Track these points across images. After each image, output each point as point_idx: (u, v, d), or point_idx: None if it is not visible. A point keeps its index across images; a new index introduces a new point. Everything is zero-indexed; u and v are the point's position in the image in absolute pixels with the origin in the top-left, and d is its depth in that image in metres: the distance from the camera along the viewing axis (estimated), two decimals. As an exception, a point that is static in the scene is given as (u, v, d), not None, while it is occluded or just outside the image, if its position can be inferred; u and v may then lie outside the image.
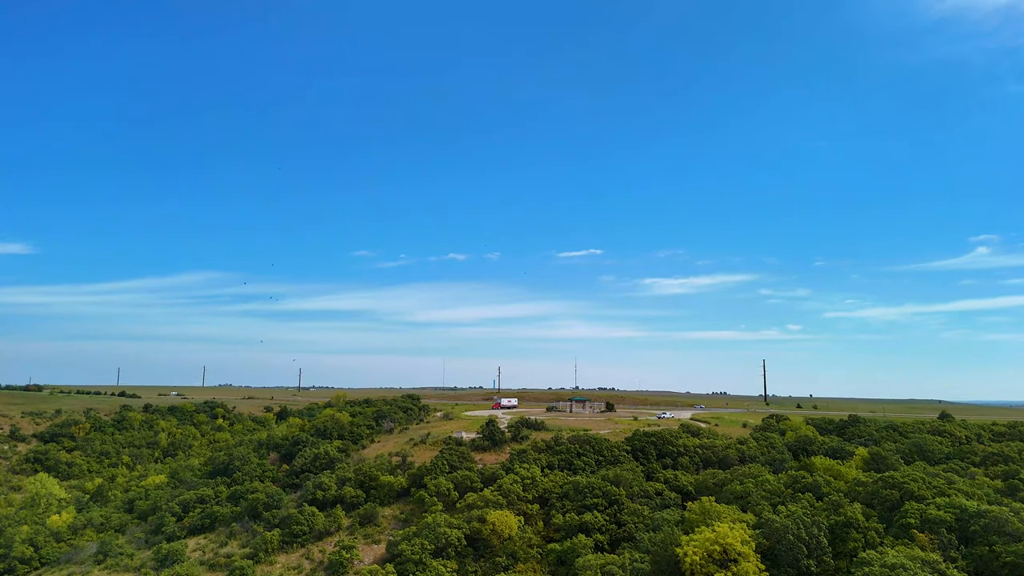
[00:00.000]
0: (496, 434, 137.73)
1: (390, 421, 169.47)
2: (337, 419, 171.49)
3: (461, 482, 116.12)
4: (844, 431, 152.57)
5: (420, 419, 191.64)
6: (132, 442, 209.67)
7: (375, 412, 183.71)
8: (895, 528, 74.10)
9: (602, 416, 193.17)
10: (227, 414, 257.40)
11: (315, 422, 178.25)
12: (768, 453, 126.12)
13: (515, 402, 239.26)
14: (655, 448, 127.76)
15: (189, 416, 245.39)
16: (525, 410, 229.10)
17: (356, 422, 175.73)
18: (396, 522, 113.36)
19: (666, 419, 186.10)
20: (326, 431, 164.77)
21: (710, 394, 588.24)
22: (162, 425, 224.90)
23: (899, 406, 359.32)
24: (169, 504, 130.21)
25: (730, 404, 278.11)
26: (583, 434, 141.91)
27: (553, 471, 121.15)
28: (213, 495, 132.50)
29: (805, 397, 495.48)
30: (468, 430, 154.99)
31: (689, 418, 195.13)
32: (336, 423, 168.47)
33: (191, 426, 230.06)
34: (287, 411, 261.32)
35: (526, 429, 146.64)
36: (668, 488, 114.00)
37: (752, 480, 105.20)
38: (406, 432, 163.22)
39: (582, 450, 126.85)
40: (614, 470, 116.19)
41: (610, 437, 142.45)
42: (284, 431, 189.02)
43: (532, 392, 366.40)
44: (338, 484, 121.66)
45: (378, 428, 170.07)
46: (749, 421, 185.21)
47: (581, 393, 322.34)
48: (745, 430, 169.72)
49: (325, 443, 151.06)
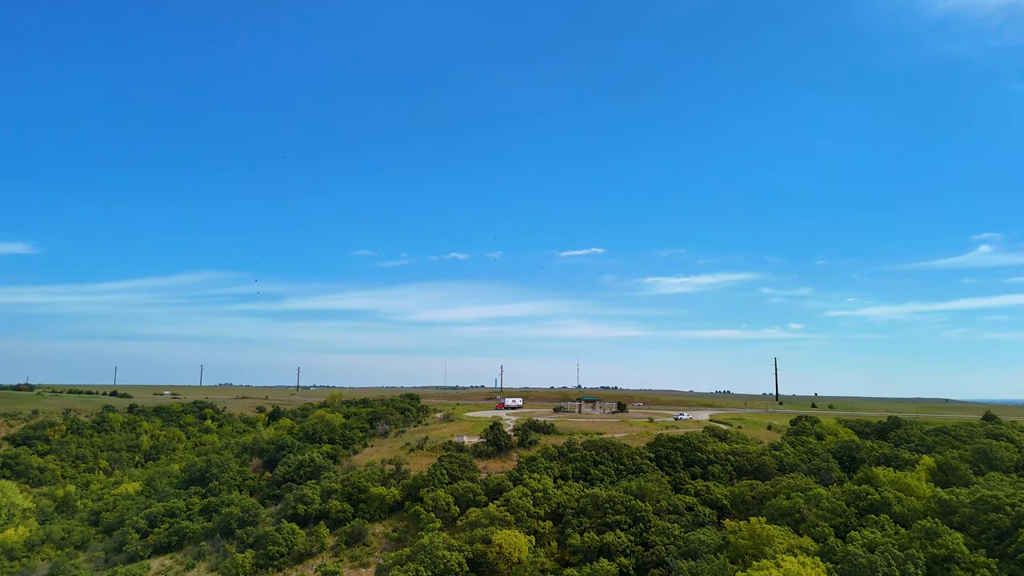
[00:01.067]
0: (501, 438, 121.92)
1: (385, 423, 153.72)
2: (327, 421, 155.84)
3: (462, 495, 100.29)
4: (886, 435, 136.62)
5: (418, 421, 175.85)
6: (112, 445, 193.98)
7: (370, 414, 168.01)
8: (1012, 564, 58.29)
9: (614, 417, 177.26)
10: (216, 415, 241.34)
11: (304, 425, 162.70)
12: (810, 461, 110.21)
13: (520, 402, 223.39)
14: (682, 455, 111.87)
15: (175, 417, 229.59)
16: (530, 410, 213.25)
17: (349, 424, 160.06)
18: (388, 541, 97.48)
19: (684, 420, 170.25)
20: (315, 435, 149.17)
21: (713, 393, 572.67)
22: (145, 427, 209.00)
23: (912, 405, 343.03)
24: (134, 518, 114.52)
25: (746, 404, 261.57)
26: (598, 438, 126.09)
27: (567, 482, 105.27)
28: (184, 508, 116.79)
29: (810, 396, 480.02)
30: (470, 433, 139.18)
31: (708, 419, 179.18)
32: (326, 426, 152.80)
33: (176, 428, 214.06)
34: (279, 411, 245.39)
35: (534, 433, 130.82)
36: (700, 502, 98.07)
37: (801, 494, 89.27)
38: (402, 436, 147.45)
39: (599, 457, 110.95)
40: (637, 481, 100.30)
41: (629, 442, 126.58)
42: (272, 434, 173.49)
43: (536, 391, 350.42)
44: (323, 496, 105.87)
45: (372, 431, 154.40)
46: (774, 423, 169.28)
47: (589, 392, 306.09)
48: (772, 433, 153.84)
49: (312, 448, 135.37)
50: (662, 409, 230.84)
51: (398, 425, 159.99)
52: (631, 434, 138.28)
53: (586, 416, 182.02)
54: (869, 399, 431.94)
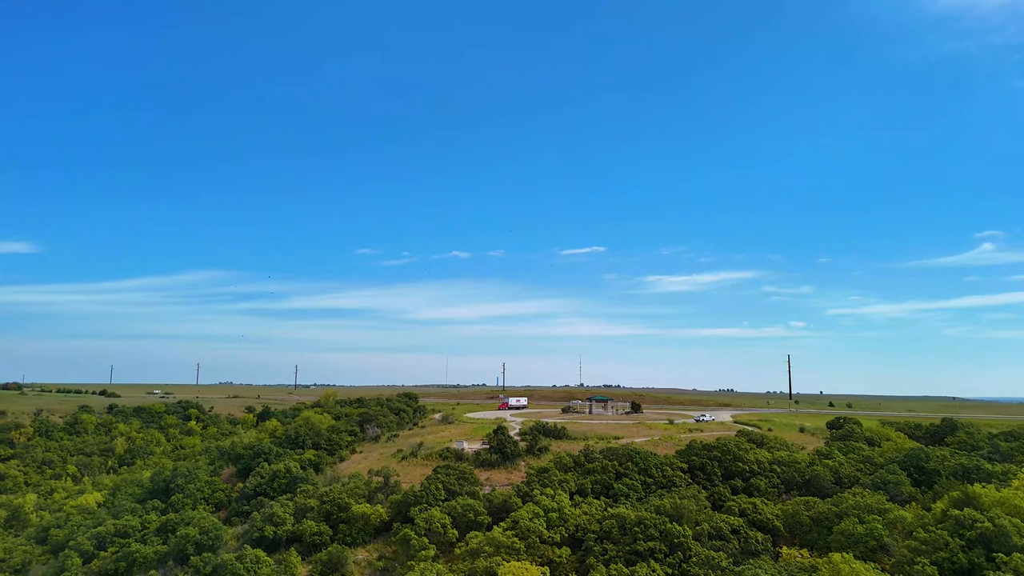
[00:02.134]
0: (507, 445, 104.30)
1: (375, 426, 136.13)
2: (312, 424, 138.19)
3: (462, 515, 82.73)
4: (943, 439, 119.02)
5: (414, 422, 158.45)
6: (83, 449, 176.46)
7: (360, 415, 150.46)
8: None
9: (629, 419, 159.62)
10: (201, 415, 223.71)
11: (288, 428, 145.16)
12: (871, 472, 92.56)
13: (524, 401, 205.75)
14: (719, 465, 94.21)
15: (157, 418, 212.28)
16: (536, 410, 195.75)
17: (337, 427, 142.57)
18: (372, 572, 79.88)
19: (707, 422, 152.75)
20: (297, 439, 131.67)
21: (717, 391, 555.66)
22: (121, 429, 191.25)
23: (929, 404, 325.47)
24: (80, 538, 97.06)
25: (769, 403, 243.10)
26: (617, 444, 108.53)
27: (586, 498, 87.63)
28: (139, 526, 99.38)
29: (814, 394, 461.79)
30: (471, 438, 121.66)
31: (731, 420, 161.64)
32: (311, 429, 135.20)
33: (155, 430, 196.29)
34: (269, 412, 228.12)
35: (544, 437, 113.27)
36: (747, 524, 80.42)
37: (877, 518, 71.68)
38: (395, 440, 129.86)
39: (623, 468, 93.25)
40: (670, 498, 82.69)
41: (653, 448, 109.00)
42: (253, 438, 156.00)
43: (539, 390, 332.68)
44: (296, 515, 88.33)
45: (362, 435, 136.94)
46: (806, 424, 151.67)
47: (596, 391, 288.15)
48: (807, 436, 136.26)
49: (291, 456, 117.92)
50: (677, 409, 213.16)
51: (391, 428, 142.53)
52: (652, 439, 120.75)
53: (598, 417, 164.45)
54: (877, 397, 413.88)
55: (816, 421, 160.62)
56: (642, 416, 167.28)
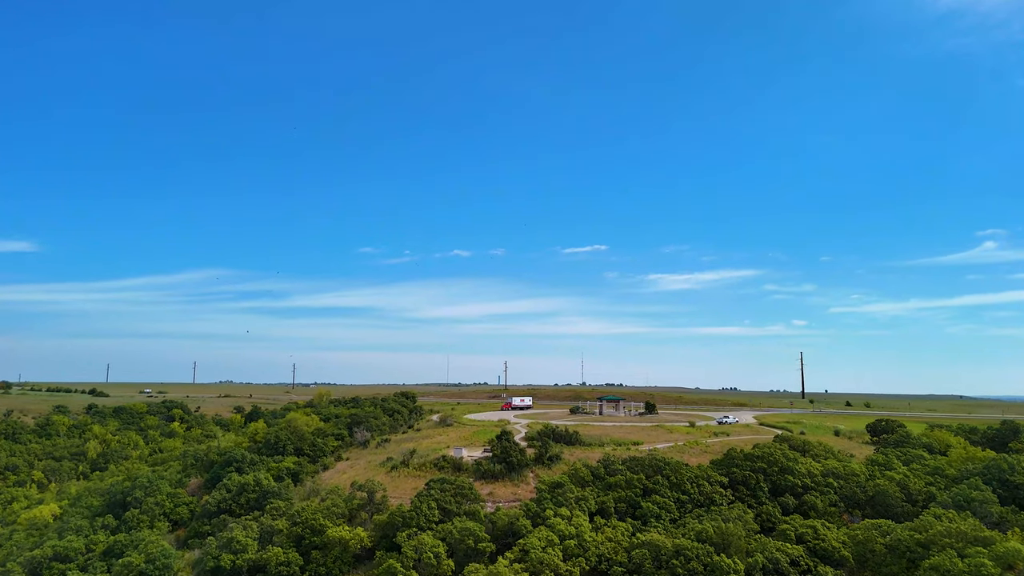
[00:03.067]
0: (512, 453, 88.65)
1: (365, 430, 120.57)
2: (295, 428, 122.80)
3: (459, 541, 67.26)
4: (1004, 444, 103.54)
5: (409, 424, 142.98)
6: (52, 453, 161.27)
7: (350, 417, 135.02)
8: None
9: (645, 420, 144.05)
10: (186, 416, 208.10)
11: (269, 432, 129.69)
12: (942, 486, 77.07)
13: (529, 401, 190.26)
14: (765, 478, 78.63)
15: (137, 419, 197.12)
16: (541, 411, 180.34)
17: (324, 430, 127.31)
18: (349, 613, 64.54)
19: (731, 424, 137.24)
20: (278, 444, 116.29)
21: (720, 390, 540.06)
22: (96, 431, 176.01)
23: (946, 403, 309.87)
24: (10, 564, 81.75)
25: (792, 404, 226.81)
26: (638, 451, 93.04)
27: (609, 520, 72.13)
28: (84, 548, 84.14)
29: (819, 392, 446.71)
30: (471, 444, 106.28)
31: (756, 423, 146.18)
32: (293, 433, 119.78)
33: (134, 432, 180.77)
34: (258, 412, 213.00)
35: (555, 444, 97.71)
36: (807, 552, 64.95)
37: (982, 551, 56.18)
38: (386, 446, 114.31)
39: (652, 483, 77.60)
40: (712, 521, 67.25)
41: (680, 456, 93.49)
42: (231, 441, 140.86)
43: (542, 389, 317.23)
44: (262, 540, 72.94)
45: (350, 440, 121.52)
46: (840, 427, 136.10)
47: (602, 391, 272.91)
48: (845, 441, 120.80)
49: (269, 463, 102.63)
50: (692, 409, 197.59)
51: (382, 431, 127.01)
52: (676, 444, 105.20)
53: (610, 419, 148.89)
54: (879, 396, 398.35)
55: (847, 423, 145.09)
56: (658, 417, 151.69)
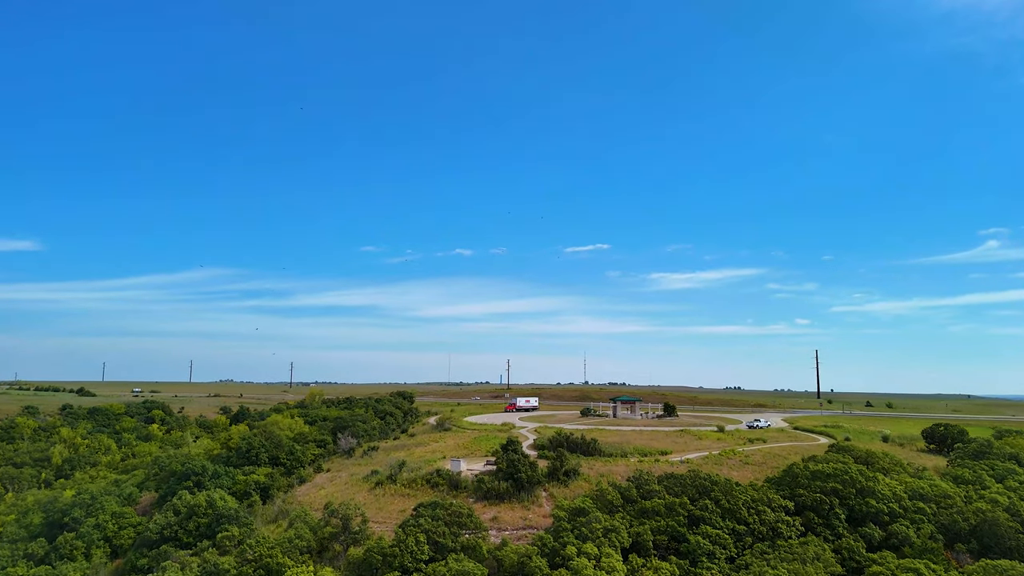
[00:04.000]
0: (521, 467, 72.03)
1: (350, 436, 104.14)
2: (272, 433, 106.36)
3: (455, 588, 50.86)
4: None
5: (404, 428, 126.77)
6: (12, 459, 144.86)
7: (336, 420, 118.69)
8: None
9: (666, 424, 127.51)
10: (167, 417, 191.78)
11: (244, 437, 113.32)
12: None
13: (535, 402, 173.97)
14: (841, 502, 61.99)
15: (113, 420, 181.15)
16: (548, 412, 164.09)
17: (307, 435, 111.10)
18: None
19: (762, 428, 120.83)
20: (251, 452, 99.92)
21: (724, 389, 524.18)
22: (64, 434, 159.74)
23: (968, 403, 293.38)
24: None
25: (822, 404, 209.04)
26: (670, 463, 76.54)
27: (648, 559, 55.53)
28: (-3, 584, 67.97)
29: (826, 391, 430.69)
30: (471, 454, 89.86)
31: (790, 427, 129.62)
32: (268, 440, 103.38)
33: (106, 435, 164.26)
34: (246, 413, 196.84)
35: (571, 454, 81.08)
36: (914, 607, 48.33)
37: None
38: (373, 455, 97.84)
39: (699, 508, 60.91)
40: (784, 561, 50.69)
41: (718, 468, 77.00)
42: (202, 448, 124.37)
43: (547, 388, 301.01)
44: (203, 583, 56.58)
45: (335, 447, 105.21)
46: (887, 432, 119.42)
47: (612, 391, 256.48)
48: (895, 448, 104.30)
49: (236, 476, 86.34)
50: (710, 411, 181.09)
51: (371, 436, 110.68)
52: (711, 455, 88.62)
53: (626, 422, 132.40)
54: (882, 395, 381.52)
55: (903, 428, 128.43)
56: (679, 421, 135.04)
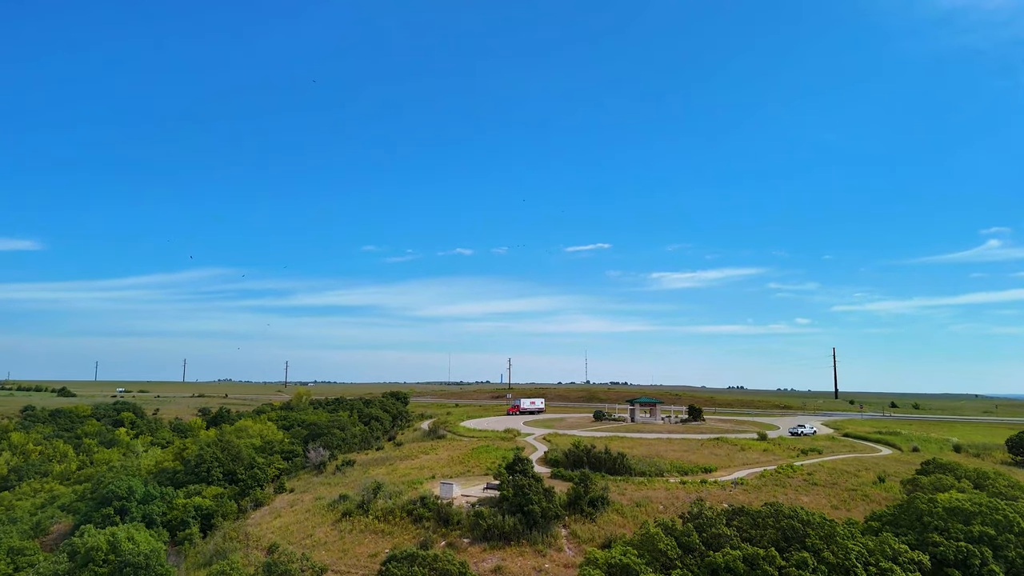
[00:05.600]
0: (533, 496, 52.67)
1: (321, 448, 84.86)
2: (229, 444, 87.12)
3: None
4: None
5: (391, 436, 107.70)
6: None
7: (309, 428, 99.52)
8: None
9: (696, 432, 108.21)
10: (137, 421, 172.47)
11: (199, 450, 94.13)
12: None
13: (541, 404, 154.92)
14: (995, 554, 42.65)
15: (76, 423, 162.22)
16: (554, 415, 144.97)
17: (275, 444, 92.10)
18: None
19: (809, 436, 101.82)
20: (200, 468, 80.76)
21: (728, 388, 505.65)
22: (14, 439, 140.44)
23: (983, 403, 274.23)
24: None
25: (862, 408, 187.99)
26: (721, 486, 57.41)
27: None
28: None
29: (828, 391, 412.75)
30: (468, 472, 70.69)
31: (837, 432, 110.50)
32: (225, 453, 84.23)
33: (60, 440, 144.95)
34: (225, 415, 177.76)
35: (596, 475, 61.84)
36: None
37: None
38: (347, 471, 78.50)
39: (795, 565, 41.48)
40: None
41: (786, 492, 57.96)
42: (154, 459, 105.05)
43: (550, 389, 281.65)
44: None
45: (304, 460, 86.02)
46: (955, 439, 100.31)
47: (632, 391, 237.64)
48: (972, 459, 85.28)
49: (176, 499, 67.28)
50: (731, 413, 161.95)
51: (348, 447, 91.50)
52: (766, 472, 69.41)
53: (648, 428, 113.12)
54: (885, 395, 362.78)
55: (977, 435, 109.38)
56: (709, 427, 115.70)
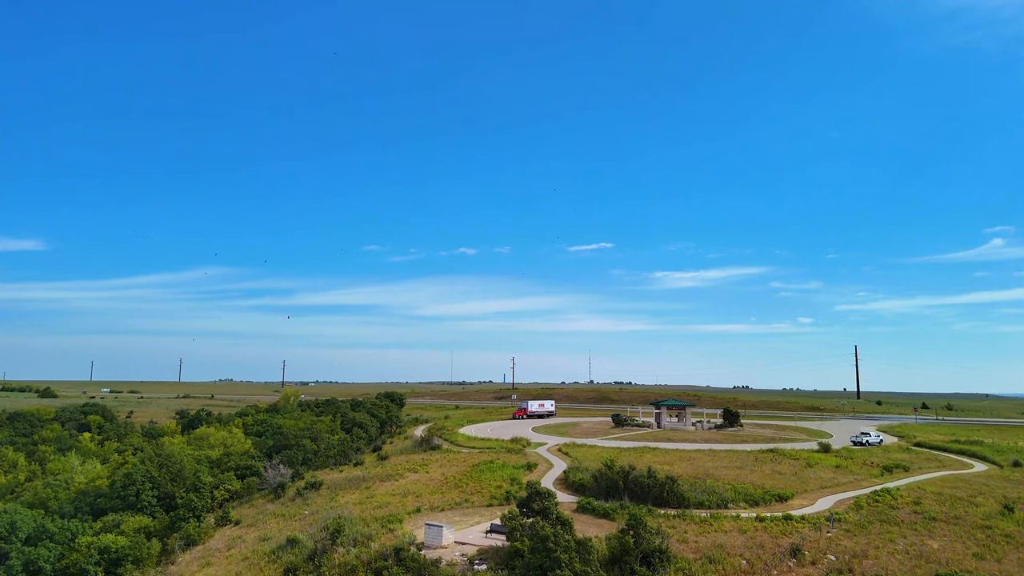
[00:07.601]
0: (559, 551, 34.88)
1: (281, 467, 66.93)
2: (170, 459, 69.35)
3: None
4: None
5: (377, 446, 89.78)
6: None
7: (274, 438, 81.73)
8: None
9: (741, 442, 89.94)
10: (105, 425, 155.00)
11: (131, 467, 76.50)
12: None
13: (550, 407, 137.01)
14: None
15: (36, 428, 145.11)
16: (567, 419, 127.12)
17: (235, 459, 74.52)
18: None
19: (877, 446, 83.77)
20: (126, 491, 63.05)
21: (732, 388, 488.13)
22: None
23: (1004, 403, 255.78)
24: None
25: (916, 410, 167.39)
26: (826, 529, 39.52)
27: None
28: None
29: (839, 391, 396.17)
30: (465, 501, 52.80)
31: (904, 442, 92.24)
32: (164, 472, 66.43)
33: (12, 449, 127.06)
34: (204, 417, 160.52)
35: (643, 507, 43.80)
36: None
37: None
38: (307, 499, 60.55)
39: None
40: None
41: (912, 537, 40.05)
42: (90, 475, 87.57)
43: (556, 389, 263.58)
44: None
45: (263, 479, 68.26)
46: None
47: (643, 391, 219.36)
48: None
49: (83, 534, 49.63)
50: (771, 418, 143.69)
51: (322, 461, 73.73)
52: (860, 501, 51.34)
53: (679, 435, 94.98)
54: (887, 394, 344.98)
55: (1011, 437, 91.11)
56: (749, 434, 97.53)
